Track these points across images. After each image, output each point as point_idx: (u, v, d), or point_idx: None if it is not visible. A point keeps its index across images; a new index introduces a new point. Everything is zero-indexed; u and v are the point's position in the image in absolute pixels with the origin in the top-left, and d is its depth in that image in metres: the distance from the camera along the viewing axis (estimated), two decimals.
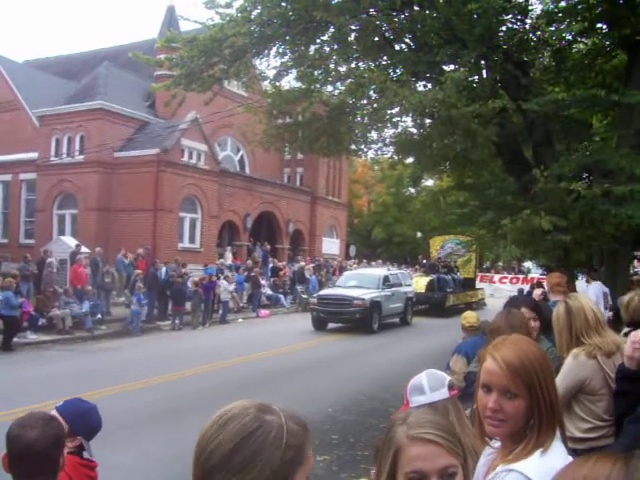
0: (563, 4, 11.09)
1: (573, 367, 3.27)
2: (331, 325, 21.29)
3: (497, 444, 2.04)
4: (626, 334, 3.44)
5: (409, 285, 25.09)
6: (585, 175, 13.04)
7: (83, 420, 2.89)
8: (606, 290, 11.05)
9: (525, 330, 3.35)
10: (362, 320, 20.36)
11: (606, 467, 0.97)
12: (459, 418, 2.41)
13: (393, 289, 22.75)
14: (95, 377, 11.91)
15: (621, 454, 1.02)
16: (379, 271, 24.62)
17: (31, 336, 16.25)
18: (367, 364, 14.54)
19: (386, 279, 22.73)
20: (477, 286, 33.50)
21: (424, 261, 33.12)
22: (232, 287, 23.63)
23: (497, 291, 35.77)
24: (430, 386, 3.01)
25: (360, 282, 22.33)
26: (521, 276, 38.16)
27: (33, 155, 28.06)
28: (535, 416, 1.93)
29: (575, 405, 3.30)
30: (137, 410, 9.67)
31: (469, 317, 7.17)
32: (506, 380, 1.93)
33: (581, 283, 14.38)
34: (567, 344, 3.44)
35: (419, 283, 27.72)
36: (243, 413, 1.30)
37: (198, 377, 12.31)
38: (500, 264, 49.53)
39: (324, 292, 22.45)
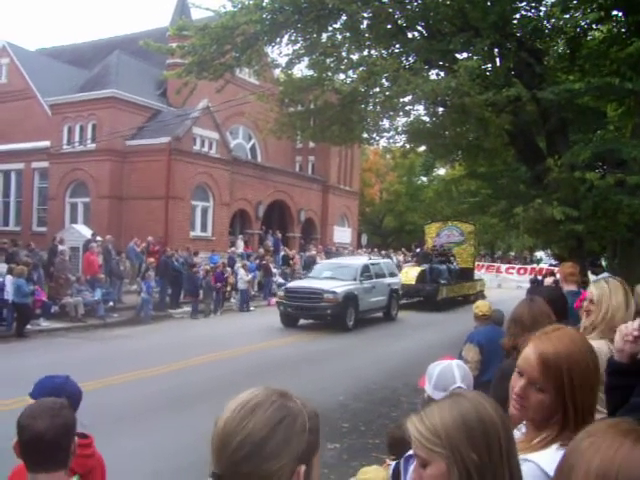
0: None
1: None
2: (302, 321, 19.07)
3: (523, 429, 2.03)
4: None
5: (394, 276, 22.60)
6: (599, 164, 12.95)
7: (60, 395, 2.84)
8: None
9: (548, 320, 3.28)
10: (335, 316, 18.00)
11: None
12: None
13: (374, 280, 20.28)
14: (106, 365, 11.96)
15: None
16: (358, 260, 22.14)
17: (44, 323, 16.35)
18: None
19: (365, 269, 20.31)
20: (477, 276, 31.25)
21: (417, 250, 30.49)
22: (250, 276, 23.71)
23: (504, 281, 34.69)
24: (436, 384, 2.99)
25: (335, 273, 19.95)
26: (529, 266, 37.46)
27: (45, 143, 28.12)
28: (560, 414, 1.89)
29: None
30: (147, 398, 9.71)
31: (481, 306, 7.14)
32: (536, 373, 1.92)
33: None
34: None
35: (409, 274, 25.43)
36: (268, 400, 1.31)
37: (207, 365, 12.34)
38: (512, 254, 49.33)
39: (293, 284, 20.27)
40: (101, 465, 2.94)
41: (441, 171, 43.32)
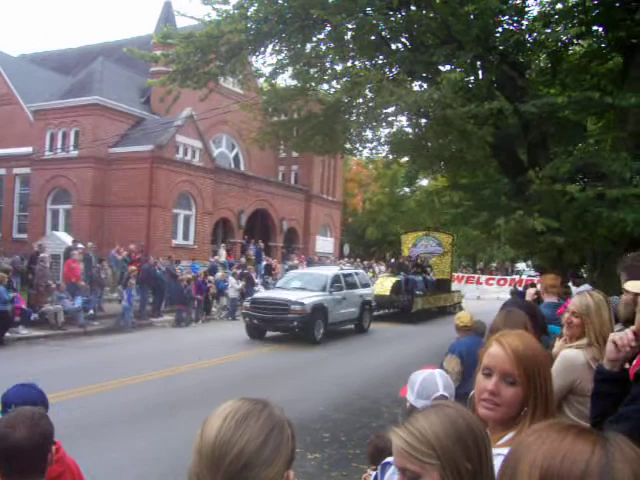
0: (560, 6, 11.12)
1: (563, 368, 3.26)
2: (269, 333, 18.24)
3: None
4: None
5: (367, 286, 21.84)
6: (580, 177, 13.09)
7: (36, 403, 2.80)
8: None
9: (524, 331, 3.33)
10: (302, 328, 17.17)
11: (586, 449, 1.00)
12: None
13: (345, 292, 19.49)
14: (86, 373, 11.90)
15: (597, 434, 1.05)
16: (328, 270, 21.21)
17: (23, 331, 16.17)
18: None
19: (336, 280, 19.49)
20: (455, 288, 30.87)
21: (391, 260, 29.71)
22: (240, 285, 23.74)
23: (484, 293, 34.34)
24: (418, 392, 3.02)
25: (304, 283, 19.27)
26: (509, 277, 37.47)
27: (28, 149, 27.94)
28: (530, 405, 1.97)
29: (566, 407, 3.30)
30: (128, 405, 9.65)
31: (463, 317, 7.17)
32: (509, 365, 1.99)
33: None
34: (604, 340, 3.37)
35: (383, 284, 24.73)
36: (256, 409, 1.34)
37: (186, 374, 12.27)
38: (494, 265, 49.58)
39: (259, 295, 19.58)
40: (71, 470, 2.90)
41: (424, 182, 43.53)
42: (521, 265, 45.72)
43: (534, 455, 1.03)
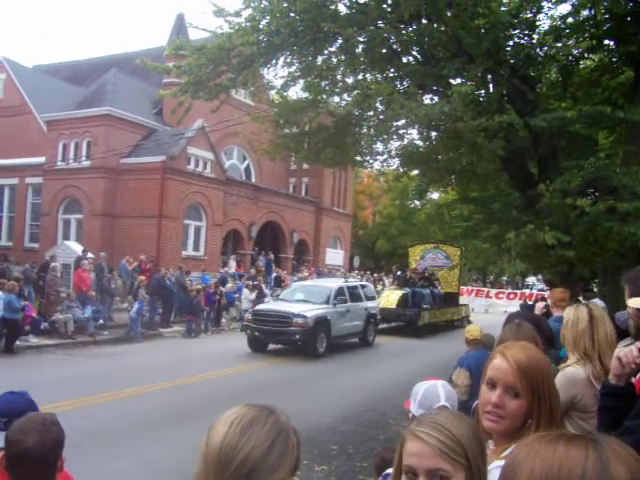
0: (571, 20, 11.13)
1: (563, 383, 3.25)
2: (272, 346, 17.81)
3: (491, 445, 2.06)
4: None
5: (372, 299, 21.57)
6: (591, 191, 13.05)
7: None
8: (604, 305, 11.02)
9: (535, 345, 3.31)
10: (304, 342, 16.85)
11: (580, 454, 1.01)
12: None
13: (349, 304, 19.21)
14: (94, 382, 11.91)
15: (587, 438, 1.05)
16: (332, 283, 20.86)
17: (33, 340, 16.25)
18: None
19: (340, 292, 19.12)
20: (463, 301, 30.54)
21: (398, 272, 29.51)
22: (253, 296, 23.65)
23: (492, 307, 34.12)
24: (420, 402, 3.02)
25: (308, 296, 18.79)
26: (519, 291, 37.21)
27: (40, 159, 28.15)
28: (534, 417, 1.97)
29: (567, 422, 3.28)
30: (135, 416, 9.66)
31: (472, 330, 7.17)
32: (513, 378, 1.99)
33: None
34: (586, 353, 3.38)
35: (389, 297, 24.40)
36: (262, 414, 1.34)
37: (193, 386, 12.27)
38: (504, 278, 49.33)
39: (261, 307, 18.99)
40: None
41: (435, 195, 43.47)
42: (531, 279, 45.49)
43: (530, 468, 1.03)
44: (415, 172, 17.11)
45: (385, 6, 11.53)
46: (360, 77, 12.86)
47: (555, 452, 1.03)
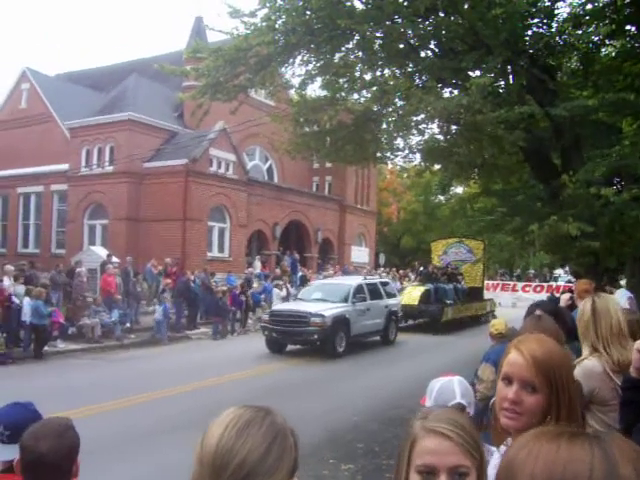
0: (590, 7, 10.96)
1: (582, 376, 3.18)
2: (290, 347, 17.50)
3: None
4: None
5: (393, 296, 21.08)
6: (616, 180, 12.86)
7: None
8: (631, 295, 10.83)
9: (556, 338, 3.24)
10: (323, 342, 16.47)
11: (585, 454, 0.95)
12: None
13: (368, 302, 18.73)
14: (121, 386, 11.96)
15: (590, 436, 1.00)
16: (352, 280, 20.34)
17: (61, 345, 16.42)
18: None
19: (359, 290, 18.67)
20: (488, 296, 29.90)
21: (420, 268, 28.72)
22: (284, 292, 23.71)
23: (520, 300, 32.89)
24: (435, 399, 2.97)
25: (326, 294, 18.38)
26: (545, 284, 36.68)
27: (64, 166, 28.44)
28: (553, 412, 1.89)
29: (588, 416, 3.22)
30: (159, 420, 9.67)
31: (497, 324, 7.08)
32: (529, 373, 1.91)
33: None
34: (592, 345, 3.33)
35: (412, 294, 24.00)
36: (258, 416, 1.30)
37: (219, 387, 12.21)
38: (531, 271, 48.82)
39: (278, 307, 18.90)
40: None
41: (459, 189, 43.16)
42: (559, 271, 44.95)
43: (531, 469, 0.97)
44: (437, 167, 17.00)
45: (401, 0, 11.46)
46: (378, 73, 12.80)
47: (558, 451, 0.97)
